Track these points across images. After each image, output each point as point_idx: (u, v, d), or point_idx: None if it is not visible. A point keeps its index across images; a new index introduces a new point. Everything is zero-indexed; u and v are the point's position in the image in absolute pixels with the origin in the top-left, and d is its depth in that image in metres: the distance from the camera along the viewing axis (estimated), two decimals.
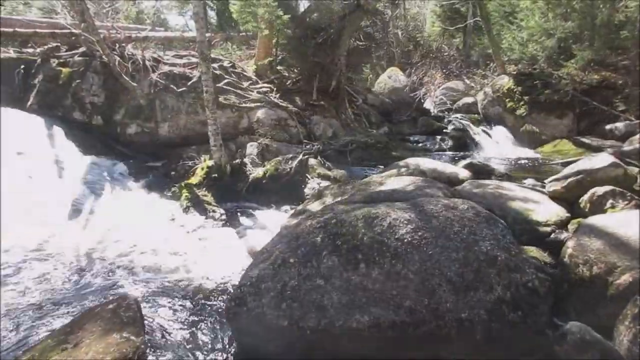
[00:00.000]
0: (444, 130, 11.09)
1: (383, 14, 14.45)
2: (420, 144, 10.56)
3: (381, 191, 3.85)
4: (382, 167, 7.36)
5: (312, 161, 7.17)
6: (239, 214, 5.89)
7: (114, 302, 2.67)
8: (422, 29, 18.84)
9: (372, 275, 2.61)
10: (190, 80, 8.48)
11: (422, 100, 13.81)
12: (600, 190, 3.66)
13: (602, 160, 4.00)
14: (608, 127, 8.96)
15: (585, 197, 3.72)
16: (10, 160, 6.06)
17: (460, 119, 11.71)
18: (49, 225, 5.05)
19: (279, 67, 10.48)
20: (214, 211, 5.77)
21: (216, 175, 6.32)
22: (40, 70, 8.05)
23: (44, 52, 8.24)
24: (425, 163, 5.79)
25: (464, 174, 5.42)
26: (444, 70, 15.73)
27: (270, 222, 5.49)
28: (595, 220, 3.12)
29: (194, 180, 6.32)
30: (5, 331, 2.91)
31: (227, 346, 2.95)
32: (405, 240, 2.70)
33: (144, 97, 8.16)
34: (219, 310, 3.31)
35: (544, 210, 3.74)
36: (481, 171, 5.78)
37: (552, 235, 3.48)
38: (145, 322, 2.81)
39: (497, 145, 10.53)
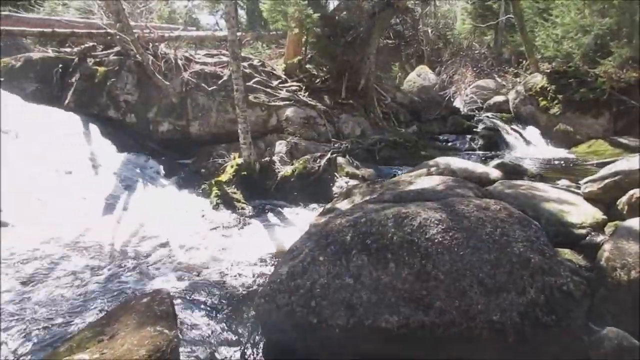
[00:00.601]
0: (474, 130, 10.91)
1: (413, 12, 14.32)
2: (449, 143, 10.43)
3: (411, 190, 3.83)
4: (411, 166, 7.30)
5: (340, 160, 7.18)
6: (267, 211, 5.95)
7: (148, 296, 2.74)
8: (453, 27, 18.56)
9: (401, 275, 2.60)
10: (221, 79, 8.61)
11: (452, 99, 13.62)
12: (639, 192, 3.55)
13: None
14: None
15: (623, 199, 3.61)
16: (51, 156, 6.29)
17: (491, 118, 11.52)
18: (86, 220, 5.22)
19: (308, 66, 10.51)
20: (243, 208, 5.84)
21: (245, 173, 6.38)
22: (77, 69, 8.30)
23: (81, 51, 8.50)
24: (456, 162, 5.73)
25: (495, 174, 5.34)
26: (475, 69, 15.47)
27: (298, 220, 5.53)
28: (634, 223, 3.02)
29: (223, 177, 6.40)
30: (45, 322, 3.02)
31: (256, 342, 2.98)
32: (436, 241, 2.67)
33: (176, 96, 8.32)
34: (248, 306, 3.34)
35: (579, 212, 3.65)
36: (513, 171, 5.70)
37: (588, 238, 3.40)
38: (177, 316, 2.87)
39: (529, 145, 10.31)
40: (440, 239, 2.68)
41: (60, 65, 8.38)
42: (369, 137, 9.19)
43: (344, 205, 4.71)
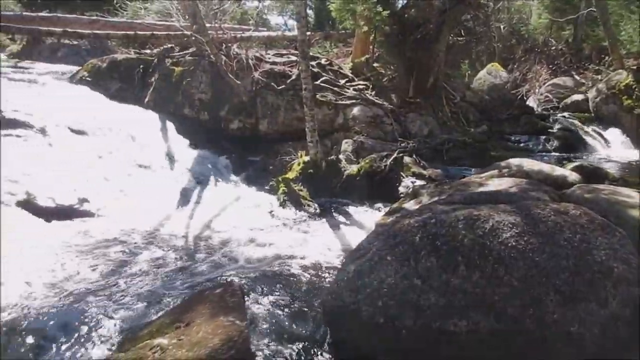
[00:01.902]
0: (549, 130, 10.43)
1: (485, 7, 13.84)
2: (522, 144, 10.04)
3: (482, 192, 3.72)
4: (481, 167, 7.08)
5: (407, 159, 7.10)
6: (333, 209, 6.00)
7: (220, 288, 2.86)
8: (527, 22, 17.76)
9: (472, 279, 2.53)
10: (290, 78, 8.78)
11: (525, 98, 13.04)
12: None
13: None
14: None
15: None
16: (132, 152, 6.72)
17: (568, 118, 10.96)
18: (162, 212, 5.52)
19: (375, 64, 10.47)
20: (309, 205, 5.94)
21: (312, 170, 6.47)
22: (156, 70, 8.79)
23: (160, 52, 8.99)
24: (529, 164, 5.51)
25: (572, 177, 5.10)
26: (551, 66, 14.71)
27: (363, 219, 5.53)
28: None
29: (290, 175, 6.53)
30: (126, 307, 3.23)
31: (322, 338, 3.02)
32: (509, 245, 2.58)
33: (246, 95, 8.58)
34: (315, 303, 3.40)
35: None
36: (592, 174, 5.41)
37: None
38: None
39: (611, 147, 9.69)
40: (514, 243, 2.58)
41: (141, 66, 8.92)
42: (436, 136, 9.03)
43: (410, 205, 4.66)
